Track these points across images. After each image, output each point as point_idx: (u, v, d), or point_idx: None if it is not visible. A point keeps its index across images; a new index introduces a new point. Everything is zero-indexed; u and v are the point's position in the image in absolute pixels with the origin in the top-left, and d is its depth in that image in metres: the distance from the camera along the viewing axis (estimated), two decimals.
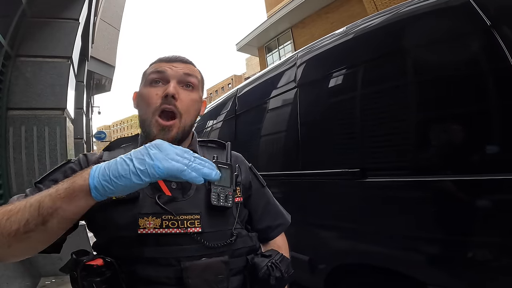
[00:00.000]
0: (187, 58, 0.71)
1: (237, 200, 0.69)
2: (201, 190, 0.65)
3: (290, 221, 0.84)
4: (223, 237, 0.64)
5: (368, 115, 1.37)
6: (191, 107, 0.67)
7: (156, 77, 0.66)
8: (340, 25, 2.45)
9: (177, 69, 0.67)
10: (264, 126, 2.11)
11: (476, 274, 1.02)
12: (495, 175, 0.96)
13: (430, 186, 1.14)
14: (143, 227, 0.59)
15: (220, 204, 0.63)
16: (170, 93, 0.63)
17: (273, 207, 0.82)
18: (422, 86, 1.23)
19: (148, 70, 0.69)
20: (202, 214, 0.63)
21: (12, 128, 2.63)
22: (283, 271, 0.65)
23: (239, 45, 13.34)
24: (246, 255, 0.67)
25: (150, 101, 0.65)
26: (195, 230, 0.61)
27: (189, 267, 0.58)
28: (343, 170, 1.41)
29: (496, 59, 0.99)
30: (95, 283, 0.53)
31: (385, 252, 1.28)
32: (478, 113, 1.05)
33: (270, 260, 0.66)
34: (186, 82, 0.67)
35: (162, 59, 0.69)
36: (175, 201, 0.62)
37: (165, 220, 0.60)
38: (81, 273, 0.54)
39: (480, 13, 1.02)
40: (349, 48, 1.55)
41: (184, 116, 0.65)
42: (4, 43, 2.51)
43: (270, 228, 0.79)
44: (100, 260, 0.56)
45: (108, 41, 8.13)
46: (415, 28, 1.27)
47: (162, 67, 0.67)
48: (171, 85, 0.64)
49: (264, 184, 0.81)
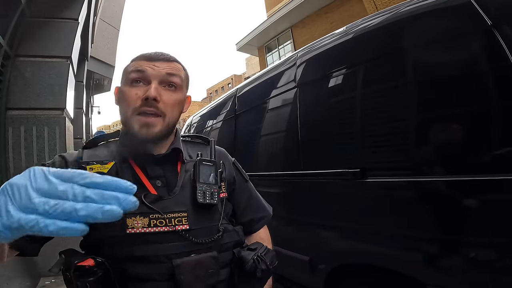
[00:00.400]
0: (170, 55, 0.68)
1: (222, 195, 0.70)
2: (186, 187, 0.66)
3: (272, 214, 0.87)
4: (210, 233, 0.65)
5: (368, 115, 1.37)
6: (174, 107, 0.66)
7: (136, 77, 0.63)
8: (340, 24, 2.45)
9: (159, 68, 0.64)
10: (264, 126, 2.11)
11: (477, 274, 1.02)
12: (495, 176, 0.95)
13: (430, 186, 1.13)
14: (131, 226, 0.59)
15: (206, 201, 0.64)
16: (151, 96, 0.61)
17: (256, 201, 0.84)
18: (422, 86, 1.22)
19: (129, 68, 0.66)
20: (188, 211, 0.63)
21: (11, 128, 2.63)
22: (268, 264, 0.67)
23: (239, 45, 13.33)
24: (232, 249, 0.69)
25: (130, 101, 0.62)
26: (182, 227, 0.62)
27: (180, 264, 0.59)
28: (343, 170, 1.41)
29: (497, 59, 0.99)
30: (89, 283, 0.54)
31: (385, 252, 1.27)
32: (478, 113, 1.05)
33: (256, 253, 0.68)
34: (169, 82, 0.65)
35: (144, 57, 0.66)
36: (161, 200, 0.62)
37: (153, 219, 0.60)
38: (74, 274, 0.54)
39: (481, 13, 1.02)
40: (349, 48, 1.55)
41: (168, 115, 0.64)
42: (3, 43, 2.51)
43: (253, 221, 0.82)
44: (91, 260, 0.56)
45: (108, 41, 8.12)
46: (415, 27, 1.27)
47: (143, 66, 0.64)
48: (152, 86, 0.62)
49: (247, 178, 0.83)
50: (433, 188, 1.13)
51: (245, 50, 13.97)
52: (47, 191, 0.31)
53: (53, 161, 0.66)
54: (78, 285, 0.54)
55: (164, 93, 0.64)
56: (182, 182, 0.66)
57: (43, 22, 2.89)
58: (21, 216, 0.29)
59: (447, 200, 1.09)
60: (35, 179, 0.31)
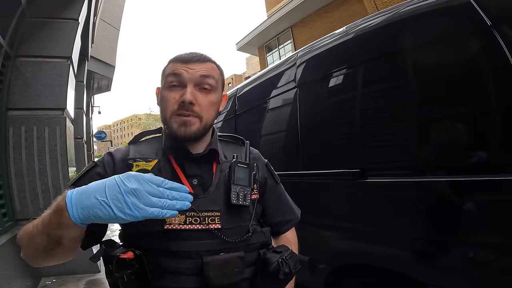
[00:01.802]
0: (204, 56, 0.70)
1: (253, 197, 0.73)
2: (220, 187, 0.69)
3: (300, 217, 0.89)
4: (240, 232, 0.69)
5: (368, 115, 1.37)
6: (210, 108, 0.69)
7: (173, 80, 0.67)
8: (340, 24, 2.45)
9: (194, 71, 0.67)
10: (264, 126, 2.11)
11: (478, 275, 1.02)
12: (496, 176, 0.95)
13: (430, 186, 1.13)
14: (169, 222, 0.64)
15: (239, 203, 0.67)
16: (186, 100, 0.64)
17: (285, 203, 0.87)
18: (422, 86, 1.22)
19: (166, 70, 0.70)
20: (221, 211, 0.67)
21: (12, 128, 2.63)
22: (291, 267, 0.69)
23: (239, 45, 13.33)
24: (258, 249, 0.72)
25: (168, 104, 0.67)
26: (215, 226, 0.66)
27: (210, 262, 0.63)
28: (343, 171, 1.41)
29: (496, 59, 0.99)
30: (126, 275, 0.59)
31: (385, 252, 1.27)
32: (479, 113, 1.05)
33: (281, 256, 0.70)
34: (204, 84, 0.68)
35: (179, 59, 0.69)
36: (197, 198, 0.66)
37: (189, 217, 0.65)
38: (114, 266, 0.59)
39: (481, 13, 1.01)
40: (349, 47, 1.55)
41: (204, 117, 0.68)
42: (3, 43, 2.51)
43: (281, 223, 0.84)
44: (131, 253, 0.61)
45: (108, 41, 8.11)
46: (415, 28, 1.27)
47: (178, 70, 0.67)
48: (187, 90, 0.65)
49: (278, 181, 0.85)
50: (433, 189, 1.13)
51: (245, 50, 13.97)
52: (153, 193, 0.50)
53: (103, 161, 0.71)
54: (117, 276, 0.58)
55: (200, 95, 0.67)
56: (217, 182, 0.70)
57: (43, 22, 2.89)
58: (152, 210, 0.49)
59: (447, 201, 1.09)
60: (144, 185, 0.50)
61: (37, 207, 2.66)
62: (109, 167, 0.69)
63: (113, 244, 0.63)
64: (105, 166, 0.69)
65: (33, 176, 2.66)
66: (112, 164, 0.69)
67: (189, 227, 0.64)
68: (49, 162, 2.73)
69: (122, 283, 0.59)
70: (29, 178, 2.64)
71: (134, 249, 0.61)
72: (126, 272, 0.59)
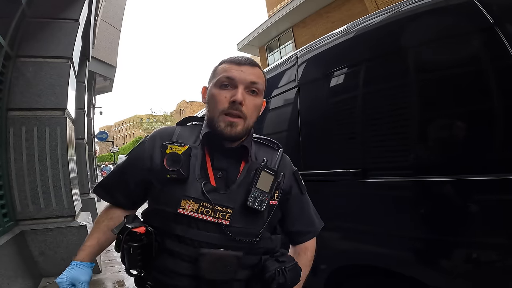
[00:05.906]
0: (254, 61, 0.76)
1: (272, 203, 0.74)
2: (241, 187, 0.72)
3: (320, 228, 0.91)
4: (247, 234, 0.70)
5: (370, 114, 1.36)
6: (254, 111, 0.75)
7: (226, 81, 0.72)
8: (341, 24, 2.44)
9: (245, 74, 0.72)
10: (265, 125, 2.10)
11: (479, 275, 1.00)
12: (497, 176, 0.94)
13: (432, 186, 1.12)
14: (182, 207, 0.67)
15: (254, 206, 0.69)
16: (238, 100, 0.70)
17: (307, 215, 0.89)
18: (424, 85, 1.21)
19: (219, 70, 0.75)
20: (235, 209, 0.70)
21: (12, 128, 2.63)
22: (287, 278, 0.70)
23: (240, 45, 13.33)
24: (261, 254, 0.74)
25: (219, 103, 0.72)
26: (224, 222, 0.68)
27: (205, 254, 0.66)
28: (344, 170, 1.40)
29: (499, 58, 0.97)
30: (132, 247, 0.63)
31: (386, 253, 1.26)
32: (480, 112, 1.04)
33: (280, 266, 0.70)
34: (252, 88, 0.73)
35: (232, 61, 0.75)
36: (217, 192, 0.70)
37: (202, 207, 0.68)
38: (125, 237, 0.64)
39: (483, 11, 1.00)
40: (349, 47, 1.54)
41: (248, 118, 0.73)
42: (4, 43, 2.51)
43: (300, 233, 0.87)
44: (143, 228, 0.65)
45: (109, 42, 8.12)
46: (416, 26, 1.26)
47: (232, 73, 0.72)
48: (239, 91, 0.71)
49: (303, 191, 0.88)
50: (434, 188, 1.12)
51: (246, 50, 13.96)
52: None
53: (144, 140, 0.80)
54: (124, 247, 0.64)
55: (248, 97, 0.73)
56: (240, 181, 0.73)
57: (44, 22, 2.89)
58: None
59: (449, 200, 1.08)
60: None
61: (38, 207, 2.66)
62: (150, 144, 0.77)
63: (134, 219, 0.69)
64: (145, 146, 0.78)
65: (34, 176, 2.66)
66: (153, 144, 0.77)
67: (200, 217, 0.67)
68: (50, 162, 2.73)
69: (127, 254, 0.63)
70: (29, 178, 2.64)
71: (148, 226, 0.67)
72: (133, 245, 0.63)
